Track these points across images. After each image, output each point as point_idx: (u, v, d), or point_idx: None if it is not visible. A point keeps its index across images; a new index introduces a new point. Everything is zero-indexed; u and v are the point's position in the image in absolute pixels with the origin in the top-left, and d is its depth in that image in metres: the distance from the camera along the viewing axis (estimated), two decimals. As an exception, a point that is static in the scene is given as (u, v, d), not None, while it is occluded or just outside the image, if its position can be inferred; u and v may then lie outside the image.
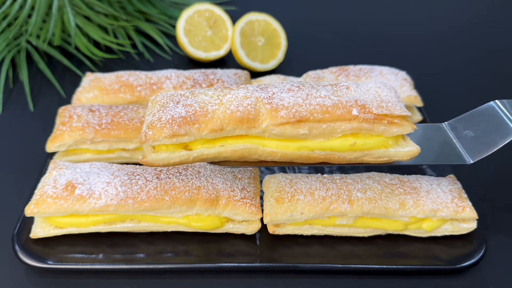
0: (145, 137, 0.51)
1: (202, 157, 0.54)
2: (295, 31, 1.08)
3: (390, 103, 0.55)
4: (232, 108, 0.52)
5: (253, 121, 0.52)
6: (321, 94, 0.54)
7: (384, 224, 0.63)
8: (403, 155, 0.56)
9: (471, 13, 1.26)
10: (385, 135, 0.55)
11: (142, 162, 0.53)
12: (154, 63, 1.00)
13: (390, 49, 1.09)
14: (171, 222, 0.63)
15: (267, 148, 0.54)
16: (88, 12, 0.98)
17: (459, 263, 0.61)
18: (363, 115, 0.53)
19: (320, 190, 0.62)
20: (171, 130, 0.51)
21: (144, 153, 0.54)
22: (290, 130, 0.53)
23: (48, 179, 0.63)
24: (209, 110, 0.52)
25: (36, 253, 0.61)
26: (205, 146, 0.53)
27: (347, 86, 0.56)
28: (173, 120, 0.51)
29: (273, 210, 0.61)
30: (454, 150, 0.60)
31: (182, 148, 0.53)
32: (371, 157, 0.56)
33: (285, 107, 0.52)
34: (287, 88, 0.55)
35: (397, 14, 1.24)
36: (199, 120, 0.52)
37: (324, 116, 0.52)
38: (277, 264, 0.61)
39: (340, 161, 0.56)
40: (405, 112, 0.54)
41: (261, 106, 0.53)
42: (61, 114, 0.73)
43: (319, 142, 0.54)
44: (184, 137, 0.51)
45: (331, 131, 0.53)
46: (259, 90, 0.55)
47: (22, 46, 0.94)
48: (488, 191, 0.74)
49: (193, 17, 0.97)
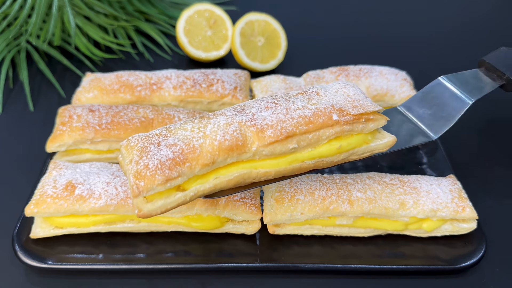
0: (137, 189, 0.48)
1: (199, 194, 0.52)
2: (295, 31, 1.08)
3: (361, 101, 0.57)
4: (218, 139, 0.51)
5: (242, 147, 0.52)
6: (298, 105, 0.55)
7: (384, 224, 0.63)
8: (383, 147, 0.58)
9: (471, 13, 1.26)
10: (364, 132, 0.57)
11: (140, 216, 0.49)
12: (154, 63, 1.00)
13: (390, 49, 1.09)
14: (171, 222, 0.63)
15: (260, 170, 0.54)
16: (88, 12, 0.98)
17: (459, 263, 0.61)
18: (343, 118, 0.55)
19: (320, 190, 0.62)
20: (164, 175, 0.48)
21: (137, 206, 0.50)
22: (279, 147, 0.53)
23: (48, 179, 0.63)
24: (196, 146, 0.51)
25: (36, 253, 0.61)
26: (199, 182, 0.52)
27: (317, 92, 0.58)
28: (162, 164, 0.49)
29: (273, 210, 0.61)
30: (416, 130, 0.62)
31: (176, 191, 0.51)
32: (355, 155, 0.58)
33: (269, 126, 0.53)
34: (264, 106, 0.55)
35: (397, 14, 1.24)
36: (188, 158, 0.50)
37: (308, 127, 0.54)
38: (277, 264, 0.61)
39: (329, 165, 0.57)
40: (377, 107, 0.56)
41: (246, 130, 0.53)
42: (61, 114, 0.73)
43: (308, 152, 0.55)
44: (178, 179, 0.49)
45: (317, 139, 0.55)
46: (238, 113, 0.54)
47: (22, 46, 0.94)
48: (488, 191, 0.74)
49: (193, 17, 0.97)
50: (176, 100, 0.79)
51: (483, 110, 0.79)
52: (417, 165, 0.76)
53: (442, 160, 0.76)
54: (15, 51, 0.94)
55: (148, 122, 0.71)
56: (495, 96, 0.75)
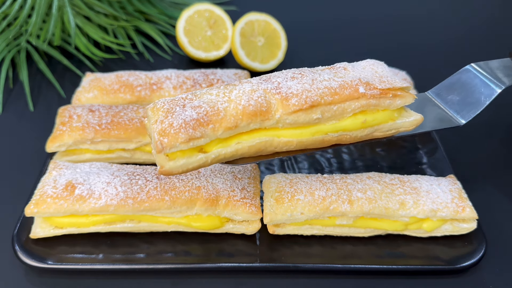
0: (161, 145, 0.49)
1: (220, 157, 0.52)
2: (295, 31, 1.08)
3: (389, 77, 0.56)
4: (243, 103, 0.51)
5: (266, 113, 0.52)
6: (324, 77, 0.55)
7: (384, 224, 0.63)
8: (409, 125, 0.57)
9: (471, 13, 1.26)
10: (390, 108, 0.56)
11: (161, 173, 0.50)
12: (154, 63, 1.00)
13: (390, 49, 1.09)
14: (171, 222, 0.63)
15: (282, 139, 0.54)
16: (88, 12, 0.98)
17: (459, 263, 0.61)
18: (369, 92, 0.54)
19: (320, 190, 0.62)
20: (187, 134, 0.49)
21: (159, 163, 0.51)
22: (303, 116, 0.53)
23: (48, 179, 0.63)
24: (220, 109, 0.51)
25: (36, 253, 0.61)
26: (221, 146, 0.52)
27: (344, 67, 0.58)
28: (186, 123, 0.49)
29: (273, 210, 0.61)
30: (445, 115, 0.62)
31: (198, 152, 0.51)
32: (380, 131, 0.57)
33: (295, 95, 0.53)
34: (290, 76, 0.55)
35: (397, 14, 1.24)
36: (212, 120, 0.50)
37: (334, 98, 0.53)
38: (277, 264, 0.61)
39: (352, 140, 0.57)
40: (405, 84, 0.56)
41: (271, 97, 0.53)
42: (61, 114, 0.73)
43: (332, 124, 0.55)
44: (201, 139, 0.50)
45: (342, 112, 0.54)
46: (263, 82, 0.54)
47: (22, 46, 0.94)
48: (488, 191, 0.74)
49: (193, 17, 0.97)
50: (176, 100, 0.79)
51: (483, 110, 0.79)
52: (417, 165, 0.76)
53: (442, 160, 0.76)
54: (15, 51, 0.94)
55: (148, 122, 0.71)
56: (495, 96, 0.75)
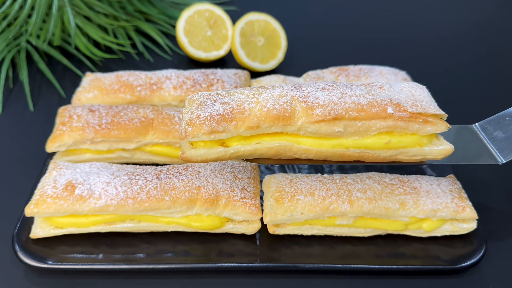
0: (185, 133, 0.53)
1: (238, 153, 0.55)
2: (295, 31, 1.08)
3: (424, 102, 0.55)
4: (268, 106, 0.53)
5: (289, 119, 0.53)
6: (355, 93, 0.55)
7: (384, 224, 0.63)
8: (437, 154, 0.56)
9: (471, 13, 1.26)
10: (419, 133, 0.55)
11: (182, 157, 0.55)
12: (154, 63, 1.00)
13: (390, 49, 1.09)
14: (171, 222, 0.63)
15: (302, 146, 0.55)
16: (88, 12, 0.98)
17: (459, 263, 0.61)
18: (398, 113, 0.53)
19: (320, 190, 0.62)
20: (210, 127, 0.52)
21: (182, 149, 0.55)
22: (325, 127, 0.54)
23: (48, 179, 0.63)
24: (246, 108, 0.53)
25: (36, 253, 0.61)
26: (241, 143, 0.54)
27: (381, 86, 0.57)
28: (211, 117, 0.53)
29: (273, 210, 0.61)
30: (485, 150, 0.61)
31: (219, 145, 0.55)
32: (405, 155, 0.56)
33: (320, 105, 0.53)
34: (321, 87, 0.56)
35: (397, 14, 1.24)
36: (236, 118, 0.53)
37: (359, 114, 0.53)
38: (277, 264, 0.61)
39: (374, 160, 0.56)
40: (439, 111, 0.55)
41: (297, 104, 0.54)
42: (61, 114, 0.73)
43: (354, 140, 0.55)
44: (222, 133, 0.53)
45: (366, 129, 0.54)
46: (294, 89, 0.56)
47: (22, 46, 0.94)
48: (488, 191, 0.74)
49: (193, 17, 0.97)
50: (176, 100, 0.79)
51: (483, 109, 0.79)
52: (417, 165, 0.76)
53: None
54: (15, 51, 0.94)
55: (148, 122, 0.71)
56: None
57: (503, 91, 0.96)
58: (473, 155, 0.61)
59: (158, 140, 0.71)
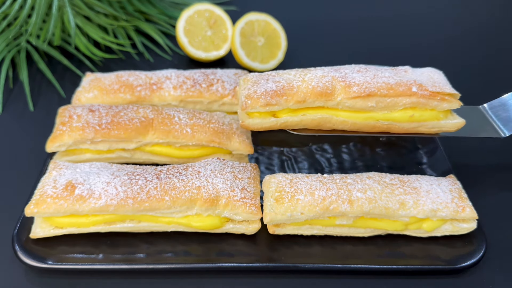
0: (245, 105, 0.63)
1: (287, 123, 0.65)
2: (295, 31, 1.08)
3: (442, 83, 0.66)
4: (313, 84, 0.63)
5: (330, 95, 0.63)
6: (385, 74, 0.65)
7: (384, 224, 0.63)
8: (451, 126, 0.66)
9: (473, 12, 1.26)
10: (437, 109, 0.65)
11: (242, 126, 0.66)
12: (154, 63, 1.00)
13: (390, 49, 1.09)
14: (171, 222, 0.63)
15: (340, 118, 0.65)
16: (88, 12, 0.98)
17: (459, 263, 0.61)
18: (420, 92, 0.63)
19: (320, 190, 0.62)
20: (265, 100, 0.62)
21: (241, 118, 0.65)
22: (360, 103, 0.63)
23: (48, 179, 0.63)
24: (294, 86, 0.63)
25: (36, 253, 0.61)
26: (289, 114, 0.64)
27: (405, 70, 0.67)
28: (266, 92, 0.63)
29: (273, 210, 0.61)
30: (490, 126, 0.71)
31: (271, 116, 0.65)
32: (425, 127, 0.66)
33: (356, 84, 0.63)
34: (357, 69, 0.66)
35: (397, 14, 1.23)
36: (286, 93, 0.63)
37: (389, 92, 0.63)
38: (277, 264, 0.61)
39: (400, 131, 0.66)
40: (454, 91, 0.65)
41: (336, 83, 0.64)
42: (61, 114, 0.73)
43: (383, 113, 0.65)
44: (275, 106, 0.63)
45: (394, 105, 0.64)
46: (333, 71, 0.66)
47: (22, 46, 0.94)
48: (488, 191, 0.74)
49: (193, 17, 0.97)
50: (176, 100, 0.79)
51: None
52: (417, 165, 0.76)
53: (442, 160, 0.76)
54: (15, 51, 0.94)
55: (148, 122, 0.71)
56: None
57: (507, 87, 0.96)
58: (480, 129, 0.70)
59: (158, 140, 0.71)
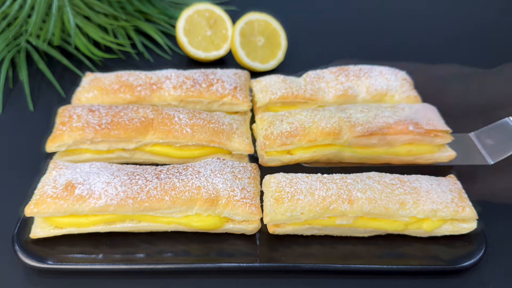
0: (264, 145, 0.71)
1: (301, 159, 0.73)
2: (295, 31, 1.08)
3: (435, 121, 0.73)
4: (322, 125, 0.71)
5: (337, 134, 0.71)
6: (385, 114, 0.73)
7: (384, 224, 0.63)
8: (445, 158, 0.74)
9: (471, 13, 1.26)
10: (432, 144, 0.73)
11: (261, 163, 0.72)
12: (154, 63, 1.00)
13: (390, 49, 1.09)
14: (171, 222, 0.63)
15: (347, 153, 0.73)
16: (88, 12, 0.98)
17: (459, 263, 0.61)
18: (417, 130, 0.71)
19: (320, 190, 0.62)
20: (281, 141, 0.70)
21: (260, 156, 0.72)
22: (364, 140, 0.71)
23: (48, 179, 0.63)
24: (306, 127, 0.71)
25: (36, 253, 0.61)
26: (302, 151, 0.72)
27: (403, 108, 0.75)
28: (282, 134, 0.71)
29: (273, 210, 0.61)
30: (478, 154, 0.76)
31: (286, 153, 0.72)
32: (422, 159, 0.74)
33: (360, 124, 0.71)
34: (360, 110, 0.74)
35: (397, 15, 1.24)
36: (299, 134, 0.71)
37: (389, 131, 0.71)
38: (277, 264, 0.61)
39: (399, 162, 0.74)
40: (446, 128, 0.72)
41: (343, 123, 0.72)
42: (61, 114, 0.73)
43: (385, 149, 0.73)
44: (290, 145, 0.71)
45: (394, 141, 0.72)
46: (340, 111, 0.74)
47: (22, 46, 0.94)
48: (488, 191, 0.74)
49: (193, 17, 0.97)
50: (176, 100, 0.79)
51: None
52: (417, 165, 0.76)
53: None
54: (15, 51, 0.94)
55: (148, 122, 0.71)
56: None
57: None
58: (469, 157, 0.76)
59: (158, 140, 0.71)
